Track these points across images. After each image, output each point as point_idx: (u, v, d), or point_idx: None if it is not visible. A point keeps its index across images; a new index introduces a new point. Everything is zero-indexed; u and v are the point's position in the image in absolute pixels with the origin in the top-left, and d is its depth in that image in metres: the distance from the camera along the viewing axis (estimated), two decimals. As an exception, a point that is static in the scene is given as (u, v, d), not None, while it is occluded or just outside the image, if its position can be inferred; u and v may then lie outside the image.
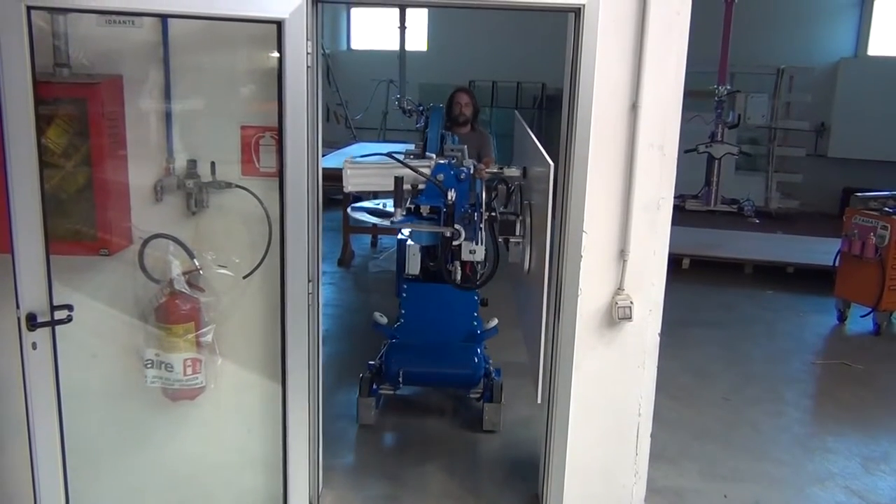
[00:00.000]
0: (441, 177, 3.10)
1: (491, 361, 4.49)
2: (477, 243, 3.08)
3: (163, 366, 3.01)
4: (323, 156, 3.18)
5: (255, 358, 3.19)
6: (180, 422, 3.23)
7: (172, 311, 3.00)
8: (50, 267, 2.63)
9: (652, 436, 3.22)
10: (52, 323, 2.63)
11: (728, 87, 9.84)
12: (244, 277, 3.09)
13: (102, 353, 3.11)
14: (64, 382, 2.74)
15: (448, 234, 2.95)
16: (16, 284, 2.59)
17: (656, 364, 3.12)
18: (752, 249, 8.48)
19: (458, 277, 3.67)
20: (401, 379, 4.15)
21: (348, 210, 3.26)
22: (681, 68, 2.88)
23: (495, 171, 3.09)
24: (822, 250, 7.66)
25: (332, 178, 3.39)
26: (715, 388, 5.15)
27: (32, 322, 2.59)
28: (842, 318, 6.73)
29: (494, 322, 4.42)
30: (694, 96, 6.69)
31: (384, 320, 4.39)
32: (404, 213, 2.96)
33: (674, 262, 5.65)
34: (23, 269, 2.59)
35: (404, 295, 4.27)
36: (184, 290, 3.00)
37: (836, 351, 6.14)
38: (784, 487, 3.95)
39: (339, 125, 11.88)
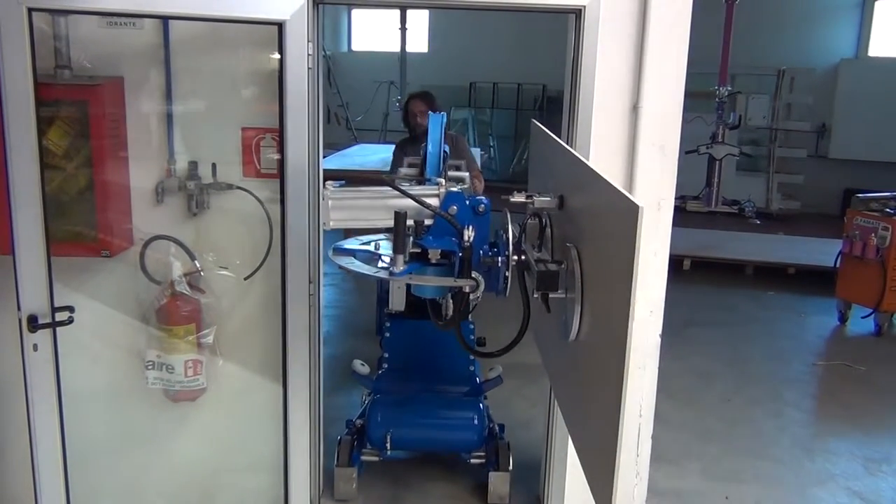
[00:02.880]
0: (455, 209, 2.23)
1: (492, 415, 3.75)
2: (503, 295, 2.22)
3: (164, 367, 3.02)
4: (324, 157, 3.18)
5: (256, 359, 3.19)
6: (181, 423, 3.23)
7: (173, 313, 3.00)
8: (51, 268, 2.63)
9: (653, 437, 3.21)
10: (54, 324, 2.64)
11: (729, 89, 9.81)
12: (245, 279, 3.09)
13: (103, 355, 3.11)
14: (65, 384, 2.74)
15: (467, 290, 2.13)
16: (17, 286, 2.59)
17: (657, 365, 3.12)
18: (753, 250, 8.48)
19: (472, 340, 2.90)
20: (388, 444, 3.39)
21: (330, 253, 2.37)
22: (681, 69, 2.88)
23: (523, 199, 2.12)
24: (823, 251, 7.67)
25: (333, 179, 3.37)
26: (716, 389, 5.15)
27: (33, 323, 2.59)
28: (843, 318, 6.72)
29: (498, 371, 3.70)
30: (695, 97, 6.68)
31: (365, 370, 3.61)
32: (407, 259, 2.15)
33: (675, 263, 5.66)
34: (24, 270, 2.60)
35: (387, 335, 3.60)
36: (185, 291, 3.00)
37: (837, 352, 6.14)
38: (785, 488, 3.94)
39: (340, 127, 11.89)
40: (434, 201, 2.24)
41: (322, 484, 3.45)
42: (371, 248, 2.33)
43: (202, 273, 3.06)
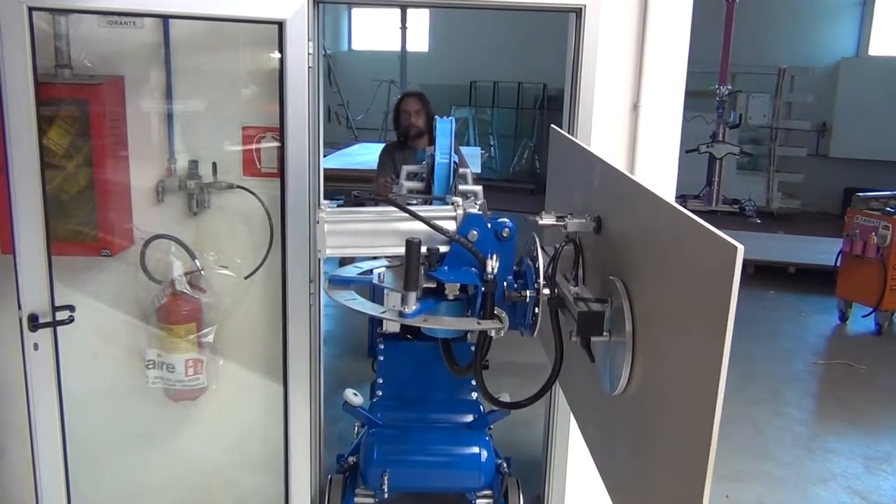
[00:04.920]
0: (475, 235, 1.90)
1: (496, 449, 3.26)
2: (529, 334, 1.85)
3: (164, 366, 3.02)
4: (324, 156, 3.17)
5: (257, 358, 3.19)
6: (182, 422, 3.23)
7: (174, 312, 3.00)
8: (52, 268, 2.63)
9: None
10: (54, 324, 2.64)
11: (729, 88, 9.80)
12: (245, 278, 3.09)
13: (104, 354, 3.11)
14: (65, 383, 2.75)
15: (493, 334, 1.84)
16: (17, 285, 2.59)
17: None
18: (754, 249, 8.47)
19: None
20: (386, 486, 2.97)
21: (325, 286, 2.08)
22: (682, 68, 2.88)
23: (553, 221, 1.78)
24: (823, 250, 7.66)
25: (334, 178, 3.38)
26: (716, 388, 5.15)
27: (34, 323, 2.59)
28: (843, 318, 6.72)
29: (505, 399, 3.15)
30: (695, 96, 6.67)
31: (358, 400, 3.08)
32: (420, 296, 1.84)
33: (675, 262, 5.64)
34: (24, 269, 2.60)
35: (381, 358, 3.11)
36: (185, 290, 3.00)
37: (837, 351, 6.14)
38: (786, 488, 3.94)
39: (341, 126, 11.89)
40: (450, 224, 1.90)
41: (322, 483, 3.46)
42: (373, 277, 2.02)
43: (202, 272, 3.06)
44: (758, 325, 6.57)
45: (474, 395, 3.16)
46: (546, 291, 1.74)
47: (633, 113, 2.90)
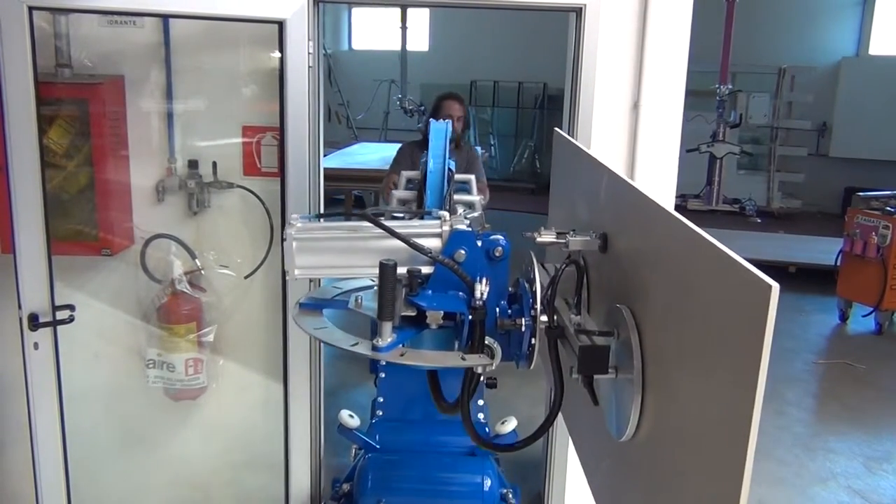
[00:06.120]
0: (462, 255, 1.65)
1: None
2: (529, 366, 1.63)
3: (164, 366, 3.02)
4: (324, 156, 3.17)
5: (257, 358, 3.19)
6: (182, 422, 3.23)
7: (174, 311, 3.00)
8: (52, 267, 2.63)
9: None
10: (54, 323, 2.64)
11: (730, 87, 9.83)
12: (246, 277, 3.09)
13: (104, 354, 3.11)
14: (66, 382, 2.75)
15: (480, 370, 1.62)
16: (18, 284, 2.59)
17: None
18: (754, 249, 8.46)
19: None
20: None
21: (293, 314, 1.79)
22: (682, 67, 2.88)
23: (552, 239, 1.59)
24: (823, 250, 7.66)
25: (334, 178, 3.37)
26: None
27: (34, 322, 2.59)
28: (843, 317, 6.72)
29: (512, 425, 2.93)
30: (695, 96, 6.68)
31: (355, 422, 2.84)
32: (397, 325, 1.59)
33: (675, 261, 5.63)
34: (25, 269, 2.60)
35: (381, 375, 2.87)
36: (185, 290, 3.00)
37: (837, 350, 6.14)
38: (786, 487, 3.94)
39: (341, 125, 11.89)
40: (434, 242, 1.66)
41: (323, 483, 3.46)
42: (351, 302, 1.75)
43: (203, 271, 3.06)
44: (758, 324, 6.56)
45: (481, 416, 2.91)
46: (544, 318, 1.54)
47: (634, 112, 2.90)
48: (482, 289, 1.55)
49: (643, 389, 1.21)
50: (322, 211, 2.91)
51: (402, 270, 1.56)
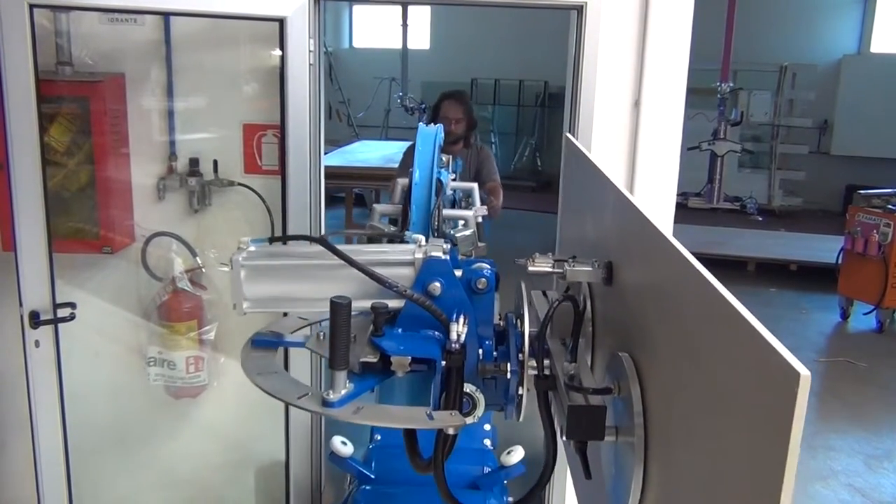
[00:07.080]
0: (438, 287, 1.35)
1: None
2: (517, 417, 1.44)
3: (165, 364, 3.02)
4: (325, 154, 3.17)
5: (258, 356, 3.19)
6: (183, 420, 3.24)
7: (175, 309, 3.00)
8: (53, 265, 2.63)
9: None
10: (55, 321, 2.64)
11: (731, 85, 9.81)
12: (246, 275, 3.09)
13: (105, 351, 3.11)
14: (67, 380, 2.75)
15: (452, 432, 1.37)
16: (19, 282, 2.59)
17: None
18: (755, 247, 8.48)
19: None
20: None
21: (242, 352, 1.63)
22: (683, 65, 2.87)
23: (548, 268, 1.30)
24: (825, 248, 7.67)
25: (335, 176, 3.37)
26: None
27: (35, 320, 2.59)
28: (845, 315, 6.72)
29: (519, 455, 2.76)
30: (696, 93, 6.66)
31: (348, 450, 2.62)
32: (358, 371, 1.28)
33: (676, 259, 5.63)
34: (26, 267, 2.60)
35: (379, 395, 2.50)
36: (186, 288, 3.00)
37: (839, 348, 6.14)
38: (787, 485, 3.95)
39: (342, 123, 11.88)
40: (406, 272, 1.36)
41: (323, 481, 3.46)
42: (311, 339, 1.52)
43: (204, 269, 3.06)
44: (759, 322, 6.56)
45: (487, 442, 2.69)
46: (533, 364, 1.30)
47: (635, 110, 2.89)
48: (459, 329, 1.27)
49: (646, 458, 1.00)
50: (285, 234, 2.62)
51: (365, 304, 1.30)
